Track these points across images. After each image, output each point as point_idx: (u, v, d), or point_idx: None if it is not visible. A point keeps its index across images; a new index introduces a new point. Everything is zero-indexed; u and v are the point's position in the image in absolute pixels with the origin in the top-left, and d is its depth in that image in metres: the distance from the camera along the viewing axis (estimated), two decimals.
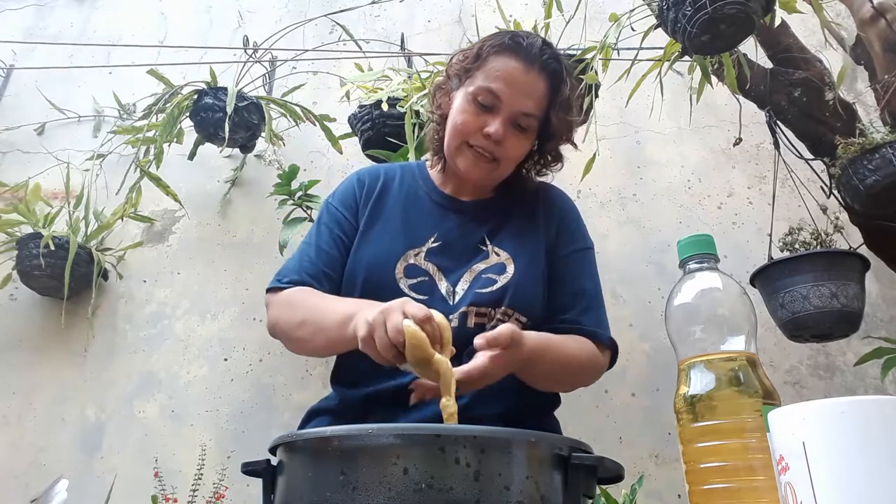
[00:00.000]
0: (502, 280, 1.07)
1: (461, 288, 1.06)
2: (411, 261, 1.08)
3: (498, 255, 1.11)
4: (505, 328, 0.87)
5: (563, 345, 1.04)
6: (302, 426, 1.12)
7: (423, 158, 1.35)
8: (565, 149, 1.23)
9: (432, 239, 1.11)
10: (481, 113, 1.07)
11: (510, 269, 1.09)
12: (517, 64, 1.07)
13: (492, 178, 1.15)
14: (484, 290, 1.05)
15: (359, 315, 0.88)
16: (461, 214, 1.16)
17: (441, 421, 0.83)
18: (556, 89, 1.10)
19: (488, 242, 1.13)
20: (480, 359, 0.86)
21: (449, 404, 0.79)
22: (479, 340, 0.86)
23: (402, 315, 0.80)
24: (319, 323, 1.00)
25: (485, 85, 1.07)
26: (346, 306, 0.98)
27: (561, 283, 1.13)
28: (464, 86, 1.11)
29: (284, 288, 1.09)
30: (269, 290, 1.12)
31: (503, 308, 1.05)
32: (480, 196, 1.18)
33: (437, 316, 0.83)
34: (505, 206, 1.18)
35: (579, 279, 1.14)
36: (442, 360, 0.80)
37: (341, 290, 1.10)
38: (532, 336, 0.95)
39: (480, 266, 1.09)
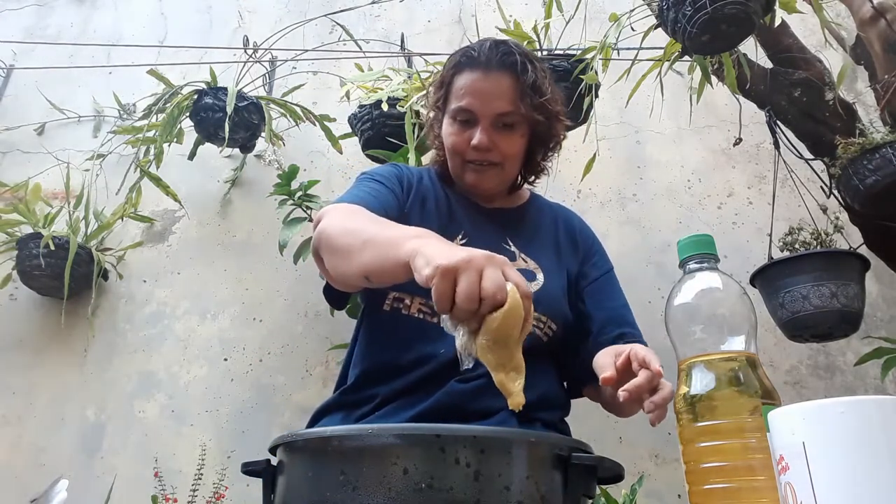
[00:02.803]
0: (534, 286, 1.09)
1: None
2: None
3: (525, 261, 1.13)
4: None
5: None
6: (313, 424, 1.12)
7: (426, 166, 1.34)
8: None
9: (460, 236, 1.13)
10: (465, 130, 1.12)
11: (540, 277, 1.11)
12: (476, 74, 1.12)
13: (503, 182, 1.18)
14: None
15: (423, 242, 0.77)
16: (485, 216, 1.18)
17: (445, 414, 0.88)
18: (518, 78, 1.12)
19: (512, 245, 1.15)
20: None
21: (517, 391, 0.67)
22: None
23: (502, 274, 0.68)
24: (372, 234, 0.89)
25: (456, 105, 1.13)
26: (408, 228, 0.91)
27: (604, 299, 1.17)
28: (445, 113, 1.17)
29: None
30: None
31: (537, 314, 1.06)
32: (501, 204, 1.22)
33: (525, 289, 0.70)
34: (526, 217, 1.22)
35: (618, 296, 1.20)
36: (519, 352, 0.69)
37: None
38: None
39: None
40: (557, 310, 1.10)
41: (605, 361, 0.94)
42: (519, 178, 1.22)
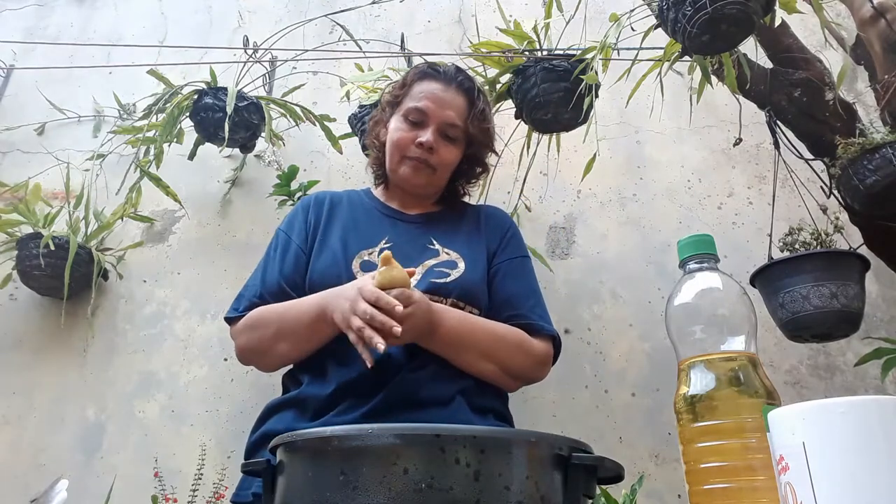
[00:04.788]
0: (455, 274, 1.18)
1: (414, 279, 1.16)
2: (365, 258, 1.19)
3: (448, 254, 1.22)
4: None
5: (489, 323, 1.15)
6: (261, 423, 1.15)
7: (365, 186, 1.47)
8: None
9: (384, 241, 1.22)
10: (413, 128, 1.24)
11: (461, 265, 1.20)
12: (437, 85, 1.26)
13: (431, 184, 1.29)
14: (438, 281, 1.16)
15: (330, 307, 1.05)
16: (408, 224, 1.28)
17: (403, 407, 1.00)
18: (472, 102, 1.28)
19: (436, 243, 1.23)
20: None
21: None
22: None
23: (363, 302, 0.98)
24: (295, 331, 1.11)
25: (412, 105, 1.25)
26: (311, 303, 1.09)
27: (510, 282, 1.25)
28: (395, 112, 1.29)
29: (241, 316, 1.19)
30: (227, 321, 1.23)
31: (452, 299, 1.15)
32: (424, 210, 1.32)
33: (392, 275, 1.00)
34: (449, 219, 1.32)
35: (527, 280, 1.28)
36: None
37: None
38: (445, 307, 1.10)
39: (432, 261, 1.20)
40: (476, 295, 1.18)
41: None
42: (444, 192, 1.34)
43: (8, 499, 1.77)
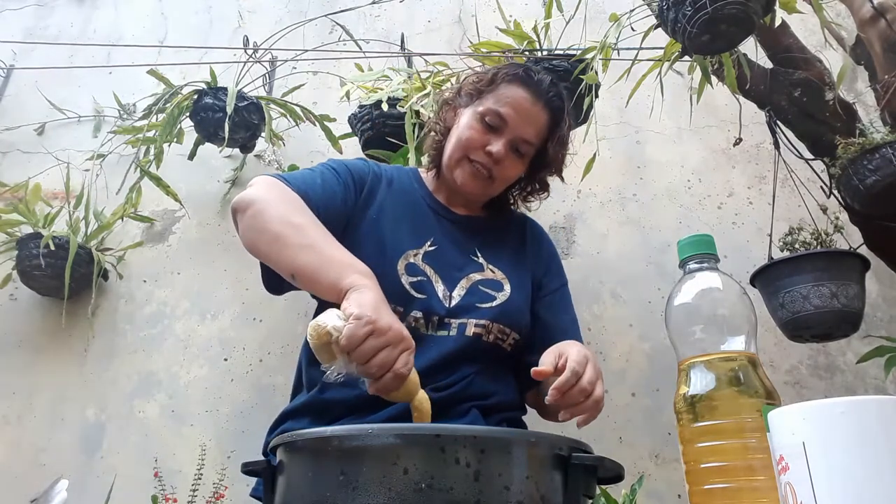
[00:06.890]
0: (501, 297, 1.13)
1: (458, 294, 1.12)
2: (411, 260, 1.13)
3: (493, 271, 1.17)
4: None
5: None
6: (275, 428, 1.13)
7: (413, 166, 1.41)
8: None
9: (429, 242, 1.17)
10: (487, 132, 1.15)
11: (507, 288, 1.15)
12: (526, 94, 1.16)
13: (484, 194, 1.23)
14: (484, 305, 1.11)
15: (366, 284, 0.88)
16: (454, 224, 1.22)
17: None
18: (556, 124, 1.19)
19: (480, 256, 1.18)
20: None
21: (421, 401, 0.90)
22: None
23: (412, 355, 0.85)
24: (316, 242, 0.95)
25: (494, 108, 1.15)
26: (353, 257, 0.95)
27: (559, 311, 1.23)
28: (473, 105, 1.19)
29: (287, 184, 1.05)
30: (263, 176, 1.07)
31: (500, 325, 1.11)
32: (470, 212, 1.26)
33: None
34: (494, 226, 1.26)
35: (571, 310, 1.27)
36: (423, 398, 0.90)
37: None
38: (588, 351, 1.03)
39: (476, 277, 1.15)
40: (521, 321, 1.14)
41: (546, 360, 0.97)
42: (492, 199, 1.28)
43: (8, 499, 1.77)
